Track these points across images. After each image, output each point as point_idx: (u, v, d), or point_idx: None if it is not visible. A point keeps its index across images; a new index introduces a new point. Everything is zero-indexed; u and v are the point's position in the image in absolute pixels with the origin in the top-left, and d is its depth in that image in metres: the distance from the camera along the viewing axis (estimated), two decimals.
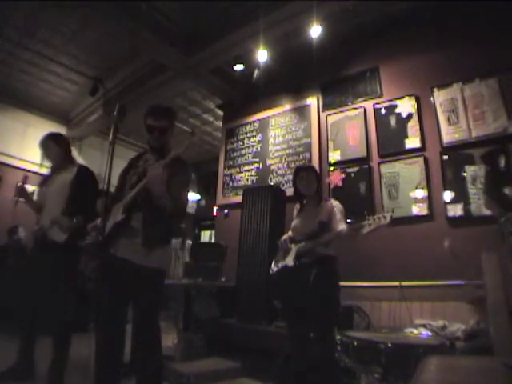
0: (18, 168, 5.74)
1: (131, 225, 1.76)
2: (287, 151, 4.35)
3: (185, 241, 4.46)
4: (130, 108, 1.87)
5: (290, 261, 2.32)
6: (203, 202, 8.06)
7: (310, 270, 2.19)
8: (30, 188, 2.59)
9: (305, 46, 3.86)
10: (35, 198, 2.57)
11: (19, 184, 2.55)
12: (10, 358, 2.26)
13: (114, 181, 1.95)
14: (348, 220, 2.36)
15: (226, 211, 4.72)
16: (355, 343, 1.44)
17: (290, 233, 2.52)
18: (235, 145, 4.94)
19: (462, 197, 3.03)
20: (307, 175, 2.44)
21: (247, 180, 4.63)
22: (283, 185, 4.20)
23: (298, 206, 2.58)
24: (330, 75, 4.19)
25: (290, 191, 4.00)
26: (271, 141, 4.56)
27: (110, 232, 1.75)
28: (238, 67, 4.42)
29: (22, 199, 2.53)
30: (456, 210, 3.03)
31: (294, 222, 2.52)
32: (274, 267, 2.47)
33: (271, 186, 4.12)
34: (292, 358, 2.31)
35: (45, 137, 2.56)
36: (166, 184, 1.71)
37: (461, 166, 3.09)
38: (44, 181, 2.57)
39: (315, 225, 2.29)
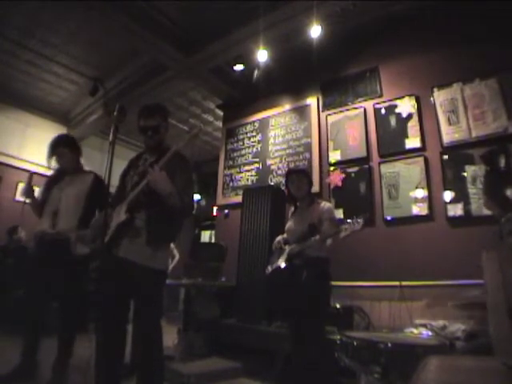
0: (18, 168, 5.74)
1: (135, 224, 1.76)
2: (287, 151, 4.35)
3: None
4: (130, 108, 1.87)
5: (282, 262, 2.38)
6: (203, 202, 8.06)
7: (300, 271, 2.25)
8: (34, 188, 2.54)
9: (305, 46, 3.86)
10: (39, 197, 2.52)
11: (25, 184, 2.50)
12: (13, 359, 2.26)
13: (114, 181, 1.96)
14: (348, 220, 2.36)
15: (226, 211, 4.72)
16: (355, 343, 1.44)
17: (285, 234, 2.56)
18: (235, 145, 4.94)
19: (462, 197, 3.03)
20: (297, 178, 2.50)
21: (247, 180, 4.63)
22: (283, 185, 4.19)
23: (292, 209, 2.65)
24: (330, 75, 4.19)
25: None
26: (271, 141, 4.56)
27: (113, 233, 1.75)
28: (238, 67, 4.42)
29: (28, 200, 2.50)
30: (456, 210, 3.03)
31: (288, 224, 2.58)
32: (269, 268, 2.52)
33: (271, 185, 4.12)
34: (292, 358, 2.32)
35: (57, 141, 2.54)
36: (171, 182, 1.72)
37: (461, 166, 3.09)
38: (53, 182, 2.53)
39: (306, 227, 2.33)
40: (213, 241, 6.81)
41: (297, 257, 2.31)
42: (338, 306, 2.84)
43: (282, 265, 2.36)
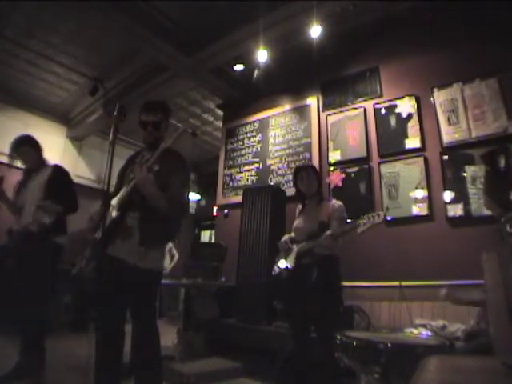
0: (18, 168, 5.73)
1: (126, 223, 1.75)
2: (287, 151, 4.35)
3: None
4: (129, 108, 1.87)
5: (290, 262, 2.32)
6: (203, 202, 8.06)
7: (310, 271, 2.19)
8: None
9: (305, 46, 3.86)
10: (14, 199, 2.59)
11: None
12: (12, 359, 2.26)
13: (114, 181, 1.96)
14: (349, 220, 2.36)
15: (226, 211, 4.71)
16: (355, 343, 1.43)
17: (292, 233, 2.52)
18: (235, 145, 4.94)
19: (462, 197, 3.03)
20: (307, 175, 2.45)
21: (247, 180, 4.63)
22: (283, 185, 4.20)
23: (299, 206, 2.58)
24: (330, 75, 4.19)
25: (290, 191, 4.01)
26: (271, 141, 4.56)
27: (105, 231, 1.74)
28: (238, 67, 4.42)
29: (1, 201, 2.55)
30: (456, 210, 3.03)
31: (296, 222, 2.51)
32: (276, 268, 2.46)
33: (271, 185, 4.12)
34: (292, 358, 2.31)
35: (19, 141, 2.66)
36: (159, 183, 1.71)
37: (461, 166, 3.09)
38: (21, 183, 2.63)
39: (316, 225, 2.28)
40: (213, 241, 6.81)
41: (306, 255, 2.25)
42: None
43: (290, 265, 2.30)
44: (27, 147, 2.63)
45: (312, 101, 4.26)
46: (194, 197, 7.70)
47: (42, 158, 2.68)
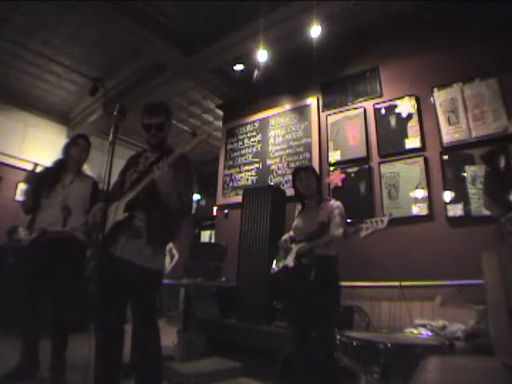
0: (18, 168, 5.74)
1: (132, 224, 1.74)
2: (287, 151, 4.35)
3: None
4: (130, 108, 1.87)
5: (290, 261, 2.33)
6: (203, 202, 8.06)
7: (309, 271, 2.20)
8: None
9: (305, 46, 3.86)
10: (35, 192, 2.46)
11: (29, 172, 2.50)
12: (13, 359, 2.26)
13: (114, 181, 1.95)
14: (349, 220, 2.36)
15: (226, 211, 4.72)
16: (355, 343, 1.43)
17: (291, 232, 2.53)
18: (235, 145, 4.94)
19: (462, 197, 3.03)
20: (306, 175, 2.45)
21: (247, 180, 4.63)
22: (283, 185, 4.20)
23: (299, 207, 2.59)
24: (330, 75, 4.19)
25: (290, 191, 3.99)
26: (271, 141, 4.56)
27: (110, 231, 1.74)
28: (238, 67, 4.42)
29: (27, 185, 2.48)
30: (456, 210, 3.03)
31: (295, 222, 2.52)
32: (275, 267, 2.48)
33: (271, 185, 4.12)
34: (292, 358, 2.31)
35: (83, 134, 2.64)
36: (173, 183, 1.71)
37: (461, 166, 3.09)
38: (52, 179, 2.48)
39: (315, 225, 2.29)
40: (213, 241, 6.81)
41: (306, 255, 2.26)
42: None
43: (291, 264, 2.31)
44: (87, 144, 2.60)
45: (312, 101, 4.26)
46: (194, 197, 7.71)
47: (83, 165, 2.65)
